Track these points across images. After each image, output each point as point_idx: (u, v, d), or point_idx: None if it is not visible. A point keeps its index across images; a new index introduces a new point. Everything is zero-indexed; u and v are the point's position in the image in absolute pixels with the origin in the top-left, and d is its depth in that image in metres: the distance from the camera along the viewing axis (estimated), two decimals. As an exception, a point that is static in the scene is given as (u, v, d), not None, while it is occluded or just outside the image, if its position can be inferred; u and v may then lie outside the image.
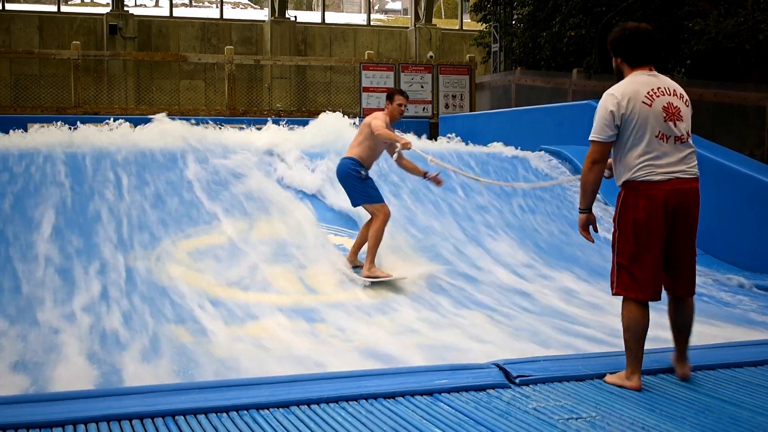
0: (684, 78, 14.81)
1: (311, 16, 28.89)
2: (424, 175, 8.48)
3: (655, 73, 4.67)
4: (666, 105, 4.56)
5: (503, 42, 20.43)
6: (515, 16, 20.48)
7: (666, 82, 4.67)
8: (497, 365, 4.84)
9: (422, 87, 19.91)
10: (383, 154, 8.60)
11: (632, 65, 4.67)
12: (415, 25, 25.62)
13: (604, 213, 10.27)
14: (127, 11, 23.26)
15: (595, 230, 4.91)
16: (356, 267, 8.28)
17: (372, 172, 8.49)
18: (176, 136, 10.22)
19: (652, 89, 4.57)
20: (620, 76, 4.73)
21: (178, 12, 25.02)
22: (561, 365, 4.96)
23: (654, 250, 4.53)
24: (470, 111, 19.83)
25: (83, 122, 10.81)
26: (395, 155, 8.11)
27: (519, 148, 12.53)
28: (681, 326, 4.75)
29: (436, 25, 26.20)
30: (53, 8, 23.81)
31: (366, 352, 6.16)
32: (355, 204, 8.32)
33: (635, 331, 4.57)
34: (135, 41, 22.83)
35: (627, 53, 4.68)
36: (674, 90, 4.63)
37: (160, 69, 22.83)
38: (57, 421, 3.82)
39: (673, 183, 4.51)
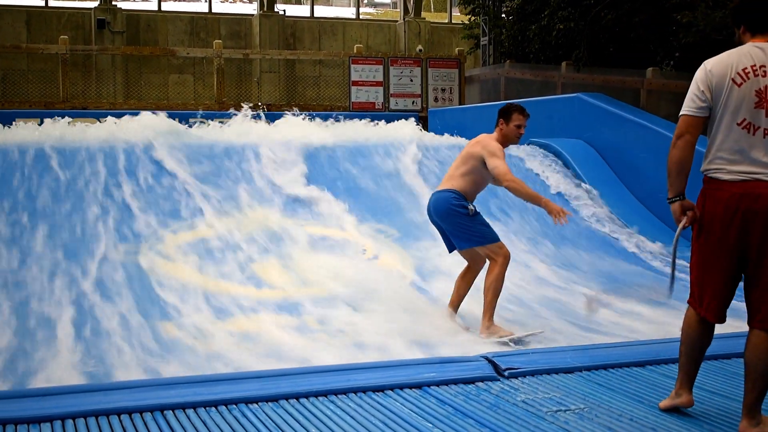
0: (673, 71, 14.84)
1: (300, 10, 28.78)
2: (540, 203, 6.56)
3: None
4: (762, 88, 3.71)
5: (492, 35, 20.43)
6: (504, 9, 20.49)
7: None
8: (486, 358, 4.86)
9: (411, 81, 19.89)
10: None
11: (753, 32, 3.85)
12: (404, 19, 25.60)
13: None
14: (115, 5, 23.15)
15: (697, 216, 3.93)
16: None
17: None
18: (163, 130, 10.19)
19: (753, 65, 3.74)
20: None
21: (166, 6, 24.91)
22: (550, 357, 4.98)
23: (719, 262, 3.81)
24: (459, 104, 19.81)
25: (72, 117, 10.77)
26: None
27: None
28: (746, 364, 3.81)
29: (425, 18, 26.18)
30: (41, 2, 23.68)
31: (355, 346, 6.18)
32: (462, 247, 6.74)
33: (687, 344, 4.01)
34: (123, 36, 22.74)
35: (748, 18, 3.86)
36: None
37: (148, 63, 22.76)
38: (46, 416, 3.82)
39: (746, 186, 3.70)
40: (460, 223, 6.61)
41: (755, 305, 3.78)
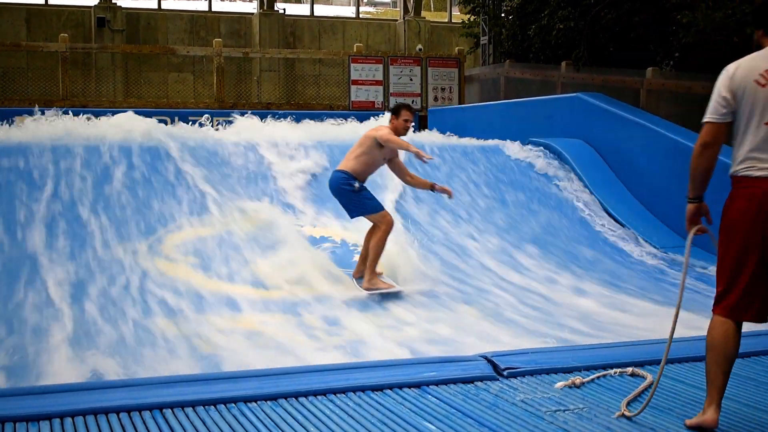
0: (672, 71, 14.83)
1: (300, 9, 28.75)
2: (432, 188, 8.18)
3: None
4: None
5: (492, 34, 20.42)
6: (504, 8, 20.48)
7: None
8: (485, 357, 4.85)
9: (411, 80, 19.88)
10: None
11: None
12: (404, 18, 25.59)
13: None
14: (115, 4, 23.10)
15: (709, 221, 4.05)
16: (361, 278, 7.86)
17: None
18: (161, 129, 10.20)
19: None
20: None
21: (166, 4, 24.87)
22: (549, 357, 4.97)
23: (747, 260, 3.74)
24: (459, 104, 19.81)
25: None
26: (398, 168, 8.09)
27: (516, 141, 12.53)
28: None
29: (425, 17, 26.16)
30: (41, 0, 23.66)
31: (354, 345, 6.17)
32: (352, 216, 7.98)
33: (713, 352, 3.84)
34: (123, 34, 22.70)
35: (766, 22, 3.84)
36: None
37: (148, 62, 22.73)
38: (44, 414, 3.81)
39: None
40: (347, 197, 7.83)
41: None
